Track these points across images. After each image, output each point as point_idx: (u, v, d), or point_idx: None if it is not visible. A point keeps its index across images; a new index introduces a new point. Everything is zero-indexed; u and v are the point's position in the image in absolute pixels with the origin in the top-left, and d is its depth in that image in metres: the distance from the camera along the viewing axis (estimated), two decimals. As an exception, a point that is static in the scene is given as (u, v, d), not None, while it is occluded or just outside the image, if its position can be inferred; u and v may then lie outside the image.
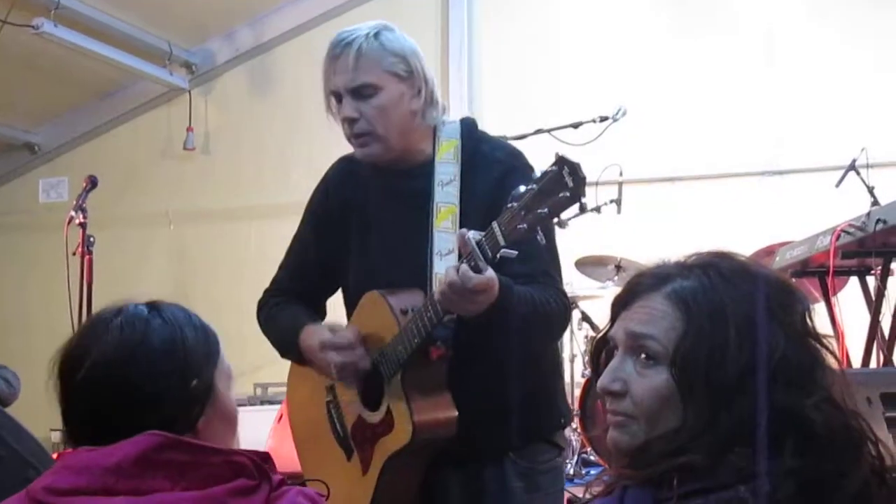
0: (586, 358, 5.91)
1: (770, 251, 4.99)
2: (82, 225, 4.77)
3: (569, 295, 2.84)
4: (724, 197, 6.65)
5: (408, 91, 2.65)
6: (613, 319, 1.61)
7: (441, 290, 2.38)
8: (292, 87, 7.64)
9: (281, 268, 3.02)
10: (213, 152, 7.85)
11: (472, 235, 2.31)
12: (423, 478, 2.69)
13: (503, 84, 7.32)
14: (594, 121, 5.11)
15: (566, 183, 2.15)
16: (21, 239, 8.11)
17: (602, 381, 1.56)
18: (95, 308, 4.69)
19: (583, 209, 2.19)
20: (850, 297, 4.78)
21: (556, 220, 2.19)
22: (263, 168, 7.66)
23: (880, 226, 4.07)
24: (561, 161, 2.16)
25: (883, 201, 4.75)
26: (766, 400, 1.44)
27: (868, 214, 4.19)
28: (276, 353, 2.98)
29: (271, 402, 6.44)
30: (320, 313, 2.98)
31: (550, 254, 2.65)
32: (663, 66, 6.85)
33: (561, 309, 2.61)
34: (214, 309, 8.37)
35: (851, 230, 4.22)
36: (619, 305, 1.61)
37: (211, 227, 7.74)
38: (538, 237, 2.23)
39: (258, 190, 7.62)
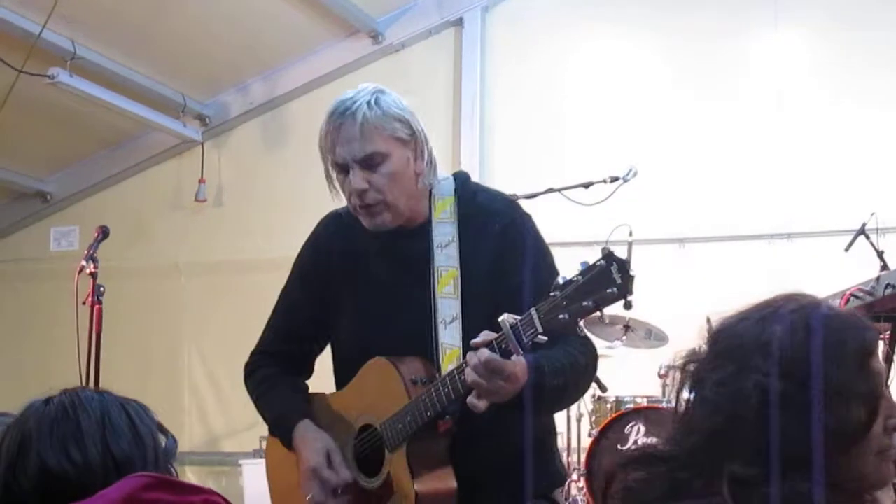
0: (593, 418, 5.88)
1: (779, 314, 4.96)
2: (93, 275, 4.76)
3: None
4: (734, 259, 6.64)
5: (411, 154, 2.63)
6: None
7: (472, 375, 2.32)
8: (304, 142, 7.64)
9: (268, 327, 2.98)
10: (225, 204, 7.88)
11: (507, 319, 2.26)
12: None
13: (515, 143, 7.34)
14: (605, 181, 5.12)
15: (614, 279, 2.15)
16: (31, 287, 8.12)
17: None
18: (104, 358, 4.66)
19: (628, 306, 2.18)
20: (859, 362, 4.76)
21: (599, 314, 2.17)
22: (274, 221, 7.66)
23: (889, 290, 4.06)
24: (609, 256, 2.17)
25: (892, 266, 4.74)
26: None
27: (877, 279, 4.17)
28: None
29: (276, 456, 6.33)
30: (309, 373, 2.97)
31: None
32: (674, 128, 6.88)
33: (590, 361, 2.61)
34: (223, 361, 8.32)
35: (860, 294, 4.20)
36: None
37: (221, 279, 7.74)
38: (579, 328, 2.23)
39: (268, 243, 7.61)
